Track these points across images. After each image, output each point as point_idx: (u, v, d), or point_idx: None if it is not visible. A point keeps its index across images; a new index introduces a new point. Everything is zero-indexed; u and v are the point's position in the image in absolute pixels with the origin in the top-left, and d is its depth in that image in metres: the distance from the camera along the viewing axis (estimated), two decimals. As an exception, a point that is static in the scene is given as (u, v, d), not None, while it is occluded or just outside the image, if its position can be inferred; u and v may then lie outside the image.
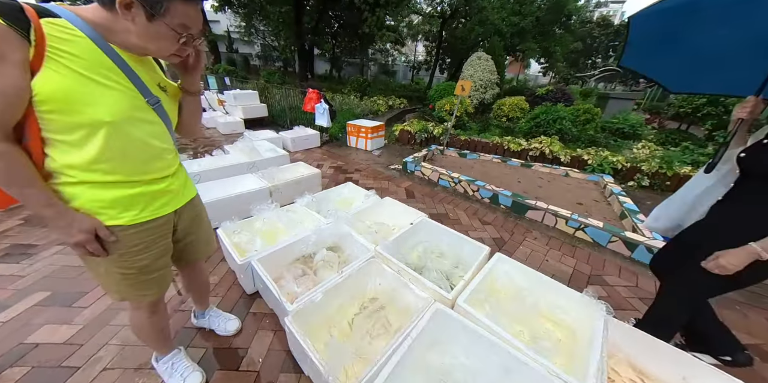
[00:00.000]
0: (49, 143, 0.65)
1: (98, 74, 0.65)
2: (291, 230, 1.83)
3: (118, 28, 0.65)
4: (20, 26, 0.55)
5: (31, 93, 0.58)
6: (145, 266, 0.84)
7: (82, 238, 0.70)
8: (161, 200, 0.85)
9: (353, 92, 8.45)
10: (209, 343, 1.28)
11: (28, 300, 1.40)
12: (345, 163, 3.85)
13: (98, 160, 0.69)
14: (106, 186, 0.73)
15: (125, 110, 0.70)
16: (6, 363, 1.13)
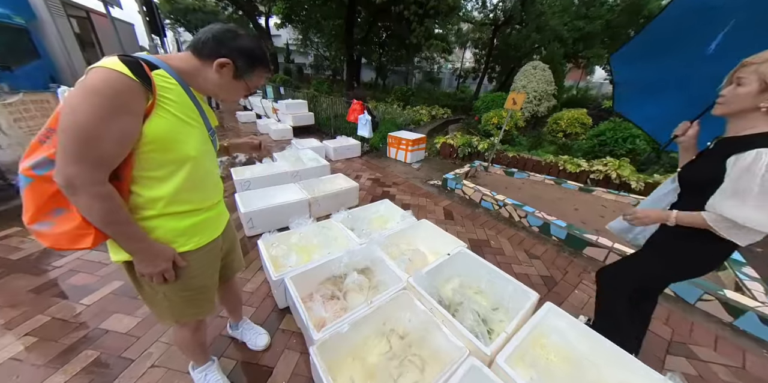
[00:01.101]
0: (136, 181, 0.70)
1: (186, 115, 0.72)
2: (325, 247, 1.83)
3: (201, 75, 0.74)
4: (144, 81, 0.62)
5: (140, 136, 0.64)
6: (202, 286, 0.90)
7: (164, 266, 0.76)
8: (215, 223, 0.92)
9: (396, 101, 8.53)
10: (240, 356, 1.31)
11: (106, 288, 1.62)
12: (383, 175, 3.83)
13: (180, 191, 0.75)
14: (182, 216, 0.79)
15: (202, 144, 0.78)
16: (83, 345, 1.30)
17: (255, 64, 0.78)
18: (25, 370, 1.18)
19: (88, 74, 0.60)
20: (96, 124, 0.58)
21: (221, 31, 0.73)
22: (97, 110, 0.58)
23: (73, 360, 1.23)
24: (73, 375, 1.17)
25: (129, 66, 0.60)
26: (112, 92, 0.58)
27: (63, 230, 0.67)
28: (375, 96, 10.03)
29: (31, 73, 5.02)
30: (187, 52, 0.74)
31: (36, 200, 0.65)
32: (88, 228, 0.68)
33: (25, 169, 0.63)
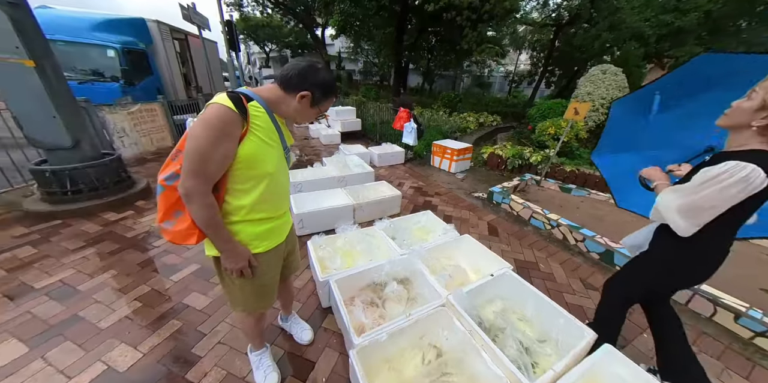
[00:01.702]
0: (228, 192, 0.87)
1: (269, 138, 0.86)
2: (367, 254, 1.92)
3: (284, 103, 0.88)
4: (242, 112, 0.77)
5: (234, 157, 0.80)
6: (268, 283, 1.06)
7: (243, 264, 0.92)
8: (282, 229, 1.07)
9: (442, 108, 8.43)
10: (287, 346, 1.46)
11: (188, 269, 1.95)
12: (426, 184, 3.83)
13: (259, 201, 0.90)
14: (258, 222, 0.95)
15: (279, 162, 0.93)
16: (171, 315, 1.59)
17: (328, 95, 0.91)
18: (134, 329, 1.49)
19: (206, 109, 0.76)
20: (209, 148, 0.75)
21: (305, 67, 0.85)
22: (210, 137, 0.74)
23: (164, 327, 1.51)
24: (164, 339, 1.44)
25: (233, 100, 0.76)
26: (220, 124, 0.74)
27: (179, 229, 0.86)
28: (421, 102, 10.05)
29: (146, 87, 6.30)
30: (273, 85, 0.89)
31: (165, 204, 0.85)
32: (194, 229, 0.86)
33: (161, 180, 0.83)
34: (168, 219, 0.86)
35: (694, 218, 0.92)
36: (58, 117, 2.52)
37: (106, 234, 2.30)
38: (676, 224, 0.95)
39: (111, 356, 1.34)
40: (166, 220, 0.86)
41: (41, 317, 1.52)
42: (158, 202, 0.86)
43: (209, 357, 1.37)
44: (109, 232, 2.34)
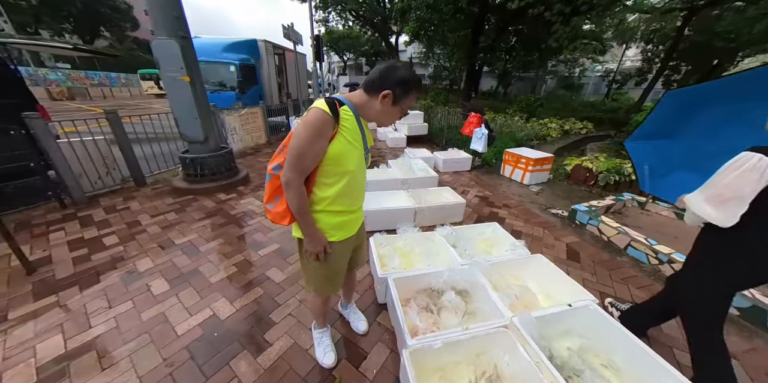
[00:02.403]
0: (316, 184, 1.01)
1: (354, 140, 0.96)
2: (426, 258, 1.91)
3: (368, 106, 0.96)
4: (335, 116, 0.89)
5: (324, 154, 0.93)
6: (339, 269, 1.19)
7: (320, 249, 1.06)
8: (355, 223, 1.18)
9: (518, 113, 7.69)
10: (344, 332, 1.57)
11: (271, 247, 2.31)
12: (493, 194, 3.57)
13: (339, 195, 1.01)
14: (335, 214, 1.06)
15: (359, 161, 1.02)
16: (256, 283, 1.91)
17: (409, 91, 0.93)
18: (231, 288, 1.85)
19: (308, 112, 0.90)
20: (306, 146, 0.89)
21: (384, 68, 0.92)
22: (308, 136, 0.88)
23: (251, 291, 1.83)
24: (251, 301, 1.75)
25: (328, 105, 0.88)
26: (317, 125, 0.87)
27: (277, 210, 1.03)
28: (494, 106, 9.40)
29: (252, 95, 7.73)
30: (360, 90, 0.98)
31: (270, 188, 1.04)
32: (288, 212, 1.01)
33: (270, 169, 1.02)
34: (270, 201, 1.05)
35: (724, 207, 0.96)
36: (198, 118, 3.33)
37: (218, 210, 2.92)
38: (709, 215, 0.99)
39: (216, 305, 1.70)
40: (269, 202, 1.05)
41: (177, 265, 2.04)
42: (266, 187, 1.05)
43: (282, 325, 1.59)
44: (220, 209, 2.96)
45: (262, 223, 2.69)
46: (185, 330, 1.53)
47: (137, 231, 2.47)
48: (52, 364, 1.33)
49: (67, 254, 2.13)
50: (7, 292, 1.75)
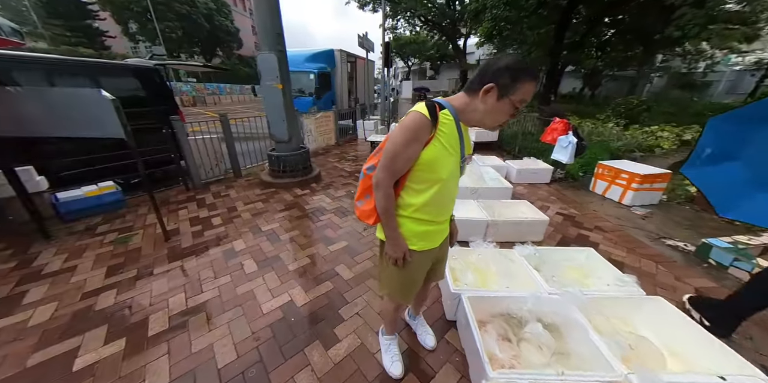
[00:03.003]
0: (405, 188, 0.98)
1: (450, 146, 0.90)
2: (504, 278, 1.72)
3: (469, 108, 0.87)
4: (434, 120, 0.85)
5: (417, 158, 0.89)
6: (413, 280, 1.14)
7: (399, 255, 1.03)
8: (439, 236, 1.11)
9: (613, 118, 6.46)
10: (411, 343, 1.52)
11: (340, 244, 2.43)
12: (580, 213, 3.06)
13: (427, 203, 0.97)
14: (419, 222, 1.02)
15: (453, 169, 0.95)
16: (326, 277, 2.02)
17: (517, 78, 0.78)
18: (306, 277, 2.01)
19: (407, 115, 0.87)
20: (400, 149, 0.86)
21: (485, 64, 0.82)
22: (403, 139, 0.85)
23: (322, 284, 1.94)
24: (322, 294, 1.85)
25: (428, 109, 0.84)
26: (414, 128, 0.84)
27: (365, 209, 1.05)
28: (578, 111, 8.16)
29: (326, 100, 8.49)
30: (461, 93, 0.90)
31: (361, 187, 1.06)
32: (374, 212, 1.01)
33: (364, 169, 1.04)
34: (360, 199, 1.07)
35: None
36: (285, 121, 3.78)
37: (295, 204, 3.25)
38: None
39: (292, 292, 1.86)
40: (359, 199, 1.07)
41: (263, 250, 2.32)
42: (358, 185, 1.08)
43: (350, 323, 1.63)
44: (296, 203, 3.28)
45: (332, 220, 2.86)
46: (269, 309, 1.71)
47: (234, 216, 2.92)
48: (178, 316, 1.64)
49: (189, 228, 2.65)
50: (153, 252, 2.27)
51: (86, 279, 1.95)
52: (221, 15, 28.08)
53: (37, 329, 1.56)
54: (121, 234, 2.52)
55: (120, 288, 1.87)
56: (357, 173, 4.49)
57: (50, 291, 1.84)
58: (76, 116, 2.06)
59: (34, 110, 2.09)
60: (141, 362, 1.38)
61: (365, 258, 2.23)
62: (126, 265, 2.11)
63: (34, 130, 2.14)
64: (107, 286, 1.89)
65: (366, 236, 2.58)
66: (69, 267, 2.07)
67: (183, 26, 24.63)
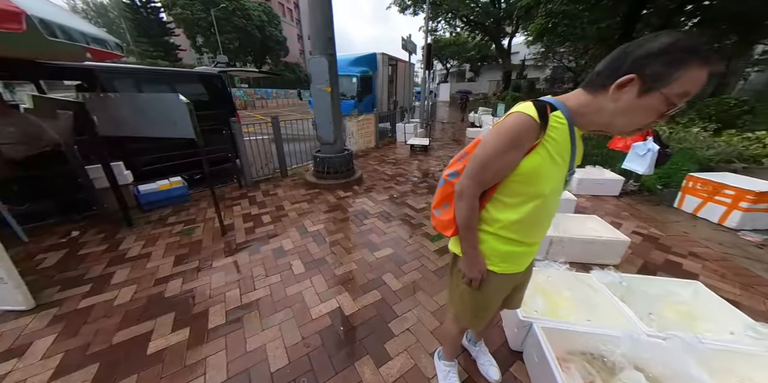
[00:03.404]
0: (492, 201, 0.85)
1: (559, 155, 0.74)
2: (581, 308, 1.47)
3: (588, 109, 0.70)
4: (543, 123, 0.70)
5: (514, 168, 0.75)
6: (487, 304, 0.99)
7: (477, 275, 0.91)
8: (525, 259, 0.95)
9: (699, 121, 5.47)
10: (471, 372, 1.36)
11: (385, 251, 2.36)
12: (663, 234, 2.58)
13: (517, 221, 0.82)
14: (505, 241, 0.87)
15: (557, 183, 0.79)
16: (373, 285, 1.95)
17: (679, 62, 0.55)
18: (353, 284, 1.96)
19: (507, 116, 0.73)
20: (492, 155, 0.73)
21: (618, 51, 0.63)
22: (499, 145, 0.72)
23: (370, 293, 1.87)
24: (371, 303, 1.78)
25: (538, 110, 0.69)
26: (514, 133, 0.70)
27: (443, 219, 0.93)
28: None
29: (366, 103, 8.61)
30: (578, 90, 0.73)
31: (440, 195, 0.94)
32: (452, 223, 0.90)
33: (445, 175, 0.93)
34: (438, 207, 0.96)
35: None
36: (332, 123, 3.85)
37: (338, 206, 3.27)
38: None
39: (340, 299, 1.81)
40: (437, 208, 0.96)
41: (310, 251, 2.34)
42: (437, 191, 0.96)
43: (401, 339, 1.52)
44: (339, 205, 3.30)
45: (376, 225, 2.81)
46: (317, 314, 1.69)
47: (282, 215, 3.03)
48: (234, 312, 1.70)
49: (242, 224, 2.80)
50: (212, 245, 2.43)
51: (158, 266, 2.14)
52: (272, 25, 30.51)
53: (121, 308, 1.73)
54: (186, 226, 2.76)
55: (185, 277, 2.02)
56: (398, 176, 4.41)
57: (131, 274, 2.04)
58: (158, 117, 2.30)
59: (126, 113, 2.38)
60: (203, 354, 1.44)
61: (412, 269, 2.11)
62: (190, 255, 2.28)
63: (126, 130, 2.44)
64: (174, 274, 2.05)
65: (411, 244, 2.47)
66: (145, 253, 2.30)
67: (239, 37, 27.29)
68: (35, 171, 2.53)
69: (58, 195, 2.81)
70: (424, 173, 4.58)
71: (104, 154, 2.54)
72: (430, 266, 2.16)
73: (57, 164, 2.60)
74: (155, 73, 3.83)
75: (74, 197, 2.85)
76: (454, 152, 6.20)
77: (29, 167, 2.50)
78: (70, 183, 2.74)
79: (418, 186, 3.97)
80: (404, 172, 4.66)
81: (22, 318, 1.67)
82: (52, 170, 2.61)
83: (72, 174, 2.70)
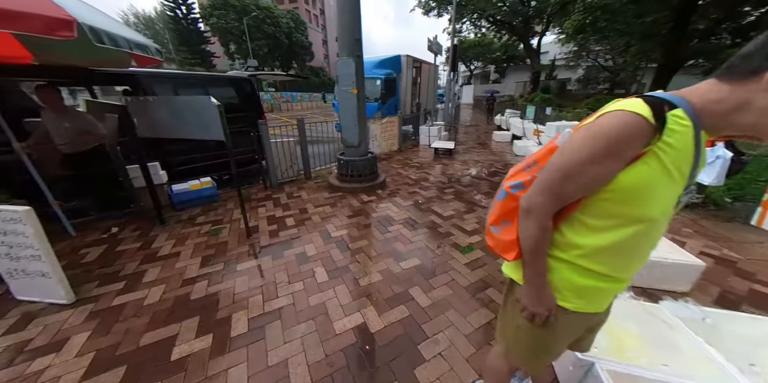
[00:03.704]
0: (570, 221, 0.68)
1: (676, 167, 0.56)
2: (651, 346, 1.23)
3: (725, 106, 0.52)
4: (660, 125, 0.53)
5: (608, 182, 0.58)
6: (551, 345, 0.82)
7: (541, 311, 0.74)
8: (610, 296, 0.77)
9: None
10: (511, 411, 1.18)
11: (412, 261, 2.22)
12: (742, 257, 2.20)
13: (607, 250, 0.65)
14: (586, 273, 0.70)
15: (670, 204, 0.61)
16: (400, 300, 1.81)
17: None
18: (378, 297, 1.84)
19: (605, 116, 0.56)
20: (580, 164, 0.57)
21: None
22: (593, 152, 0.56)
23: (396, 309, 1.74)
24: (397, 320, 1.64)
25: (652, 108, 0.52)
26: (616, 137, 0.54)
27: (503, 239, 0.78)
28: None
29: (389, 105, 8.54)
30: (710, 81, 0.55)
31: (500, 210, 0.78)
32: (515, 245, 0.74)
33: (507, 186, 0.76)
34: (496, 224, 0.80)
35: None
36: (357, 125, 3.79)
37: (361, 210, 3.18)
38: None
39: (365, 313, 1.70)
40: (494, 225, 0.80)
41: (333, 258, 2.26)
42: (495, 206, 0.80)
43: (432, 365, 1.37)
44: (363, 209, 3.21)
45: (401, 232, 2.68)
46: (341, 329, 1.58)
47: (305, 218, 2.99)
48: (256, 320, 1.64)
49: (266, 227, 2.80)
50: (237, 247, 2.43)
51: (186, 266, 2.16)
52: (298, 31, 31.70)
53: (149, 308, 1.74)
54: (213, 226, 2.80)
55: (210, 279, 2.01)
56: (422, 181, 4.26)
57: (161, 273, 2.08)
58: (191, 120, 2.35)
59: (162, 116, 2.46)
60: (224, 364, 1.38)
61: (442, 283, 1.95)
62: (216, 256, 2.29)
63: (162, 132, 2.52)
64: (201, 276, 2.05)
65: (440, 255, 2.31)
66: (175, 253, 2.34)
67: (268, 44, 28.65)
68: (83, 169, 2.70)
69: (102, 193, 2.98)
70: (450, 178, 4.38)
71: (142, 154, 2.65)
72: (461, 281, 1.99)
73: (102, 163, 2.77)
74: (190, 78, 4.01)
75: (116, 195, 3.01)
76: (480, 156, 5.92)
77: (78, 165, 2.67)
78: (113, 182, 2.90)
79: (443, 192, 3.78)
80: (429, 176, 4.49)
81: (63, 311, 1.73)
82: (97, 169, 2.77)
83: (114, 173, 2.86)
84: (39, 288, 1.76)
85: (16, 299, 1.80)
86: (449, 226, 2.80)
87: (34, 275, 1.74)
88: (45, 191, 2.35)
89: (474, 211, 3.16)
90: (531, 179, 0.71)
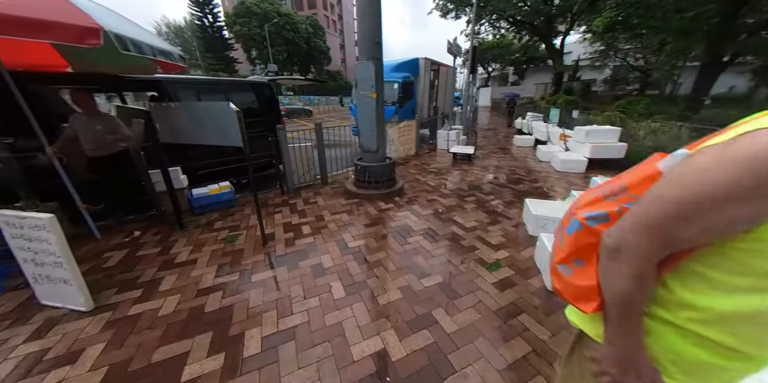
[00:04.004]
0: (680, 271, 0.51)
1: None
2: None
3: None
4: None
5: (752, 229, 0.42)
6: None
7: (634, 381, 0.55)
8: (736, 379, 0.56)
9: None
10: None
11: (434, 278, 2.06)
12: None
13: (735, 317, 0.47)
14: (702, 344, 0.51)
15: None
16: (423, 322, 1.66)
17: None
18: (399, 319, 1.69)
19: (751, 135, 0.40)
20: (715, 203, 0.41)
21: None
22: (735, 186, 0.40)
23: (418, 333, 1.59)
24: (419, 348, 1.49)
25: None
26: None
27: (575, 283, 0.61)
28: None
29: (407, 109, 8.42)
30: None
31: (573, 245, 0.62)
32: (596, 293, 0.57)
33: (582, 218, 0.60)
34: (566, 263, 0.64)
35: None
36: (375, 130, 3.69)
37: (379, 219, 3.06)
38: None
39: (385, 337, 1.56)
40: (563, 263, 0.64)
41: (351, 271, 2.14)
42: (561, 237, 0.65)
43: (462, 406, 1.21)
44: (381, 217, 3.09)
45: (421, 244, 2.52)
46: (359, 356, 1.45)
47: (322, 226, 2.91)
48: (270, 341, 1.55)
49: (282, 235, 2.74)
50: (252, 255, 2.37)
51: (202, 275, 2.12)
52: (317, 36, 32.50)
53: (163, 320, 1.70)
54: (230, 233, 2.78)
55: (225, 290, 1.95)
56: (441, 188, 4.08)
57: (177, 282, 2.05)
58: (211, 126, 2.33)
59: (183, 121, 2.46)
60: (235, 390, 1.29)
61: (468, 305, 1.78)
62: (232, 265, 2.24)
63: (183, 138, 2.53)
64: (216, 286, 2.00)
65: (464, 271, 2.13)
66: (192, 260, 2.32)
67: (288, 49, 29.56)
68: (109, 173, 2.77)
69: (127, 196, 3.05)
70: (470, 185, 4.17)
71: (164, 159, 2.68)
72: (489, 303, 1.81)
73: (126, 167, 2.82)
74: (212, 83, 4.09)
75: (139, 199, 3.08)
76: (501, 162, 5.66)
77: (104, 169, 2.74)
78: (137, 186, 2.96)
79: (464, 200, 3.59)
80: (448, 183, 4.31)
81: (82, 319, 1.72)
82: (121, 173, 2.83)
83: (138, 177, 2.91)
84: (61, 294, 1.77)
85: (41, 303, 1.82)
86: (473, 239, 2.61)
87: (57, 281, 1.74)
88: (73, 194, 2.42)
89: (499, 222, 2.95)
90: (619, 211, 0.55)
